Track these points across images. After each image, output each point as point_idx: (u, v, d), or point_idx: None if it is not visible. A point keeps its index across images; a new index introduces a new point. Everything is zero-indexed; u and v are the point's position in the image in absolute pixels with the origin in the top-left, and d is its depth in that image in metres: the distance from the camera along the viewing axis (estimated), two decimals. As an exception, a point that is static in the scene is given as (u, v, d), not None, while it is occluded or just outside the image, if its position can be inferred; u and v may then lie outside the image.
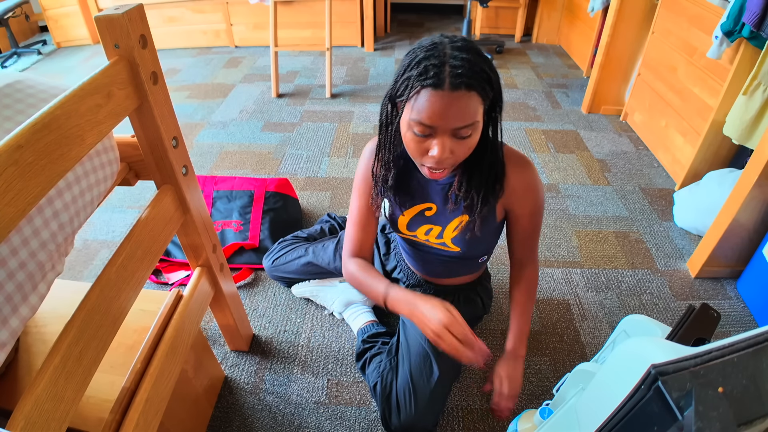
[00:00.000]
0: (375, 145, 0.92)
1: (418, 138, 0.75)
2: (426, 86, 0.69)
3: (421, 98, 0.71)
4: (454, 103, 0.69)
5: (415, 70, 0.71)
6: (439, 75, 0.68)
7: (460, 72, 0.68)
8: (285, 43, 2.97)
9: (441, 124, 0.71)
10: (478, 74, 0.70)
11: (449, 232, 0.96)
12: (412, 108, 0.72)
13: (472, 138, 0.75)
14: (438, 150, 0.73)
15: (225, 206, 1.61)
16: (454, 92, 0.69)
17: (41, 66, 3.26)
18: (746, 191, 1.26)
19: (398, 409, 1.01)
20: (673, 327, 0.62)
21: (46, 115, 0.52)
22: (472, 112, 0.71)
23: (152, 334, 0.80)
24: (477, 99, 0.71)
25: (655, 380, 0.34)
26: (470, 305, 1.14)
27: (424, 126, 0.72)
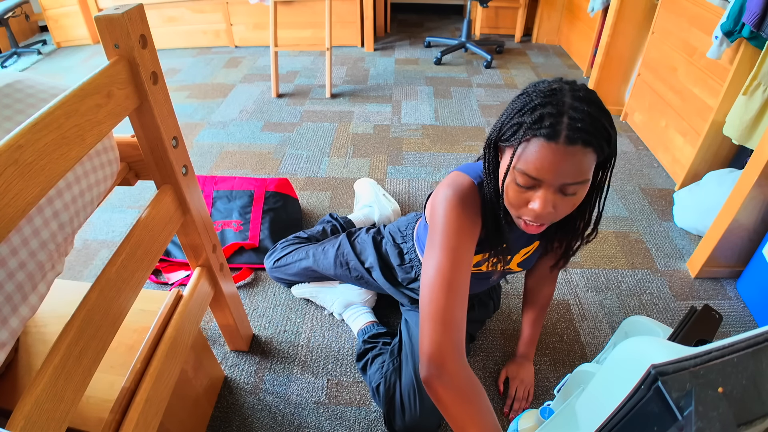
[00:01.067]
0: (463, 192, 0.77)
1: (520, 189, 0.68)
2: (539, 136, 0.63)
3: (531, 147, 0.64)
4: (568, 159, 0.63)
5: (529, 117, 0.65)
6: (556, 126, 0.62)
7: (580, 126, 0.62)
8: (285, 43, 2.97)
9: (549, 178, 0.65)
10: (598, 131, 0.63)
11: (517, 258, 0.95)
12: (520, 156, 0.66)
13: (578, 196, 0.69)
14: (540, 204, 0.67)
15: (225, 206, 1.61)
16: (569, 147, 0.62)
17: (41, 66, 3.26)
18: (746, 191, 1.26)
19: (402, 410, 1.00)
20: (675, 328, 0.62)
21: (46, 115, 0.52)
22: (584, 170, 0.65)
23: (152, 334, 0.80)
24: (592, 156, 0.65)
25: (655, 380, 0.34)
26: (484, 308, 1.16)
27: (530, 178, 0.66)
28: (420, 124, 2.35)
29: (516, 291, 1.43)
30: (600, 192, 0.76)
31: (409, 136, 2.25)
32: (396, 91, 2.69)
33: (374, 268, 1.18)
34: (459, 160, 2.06)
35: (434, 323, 0.68)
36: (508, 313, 1.36)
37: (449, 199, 0.76)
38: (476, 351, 1.26)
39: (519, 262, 0.97)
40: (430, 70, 2.96)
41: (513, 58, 3.14)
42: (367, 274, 1.21)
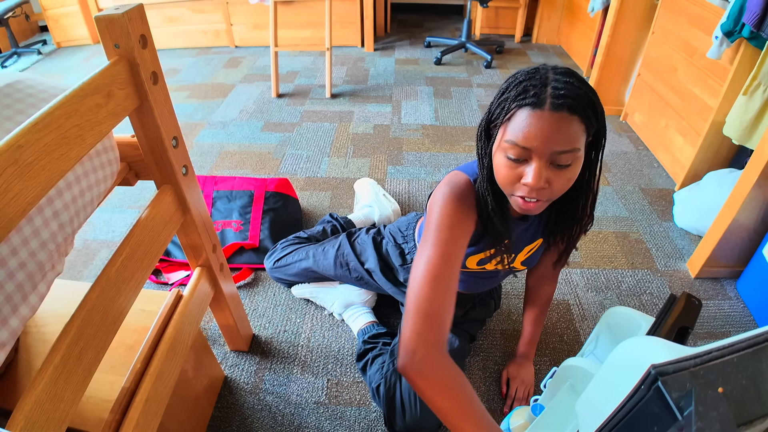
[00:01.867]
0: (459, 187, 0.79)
1: (512, 163, 0.68)
2: (524, 106, 0.65)
3: (518, 118, 0.65)
4: (554, 125, 0.63)
5: (514, 91, 0.66)
6: (540, 95, 0.64)
7: (563, 93, 0.63)
8: (285, 43, 2.97)
9: (538, 146, 0.65)
10: (582, 98, 0.64)
11: (522, 256, 0.96)
12: (507, 130, 0.67)
13: (571, 169, 0.68)
14: (534, 176, 0.66)
15: (225, 206, 1.61)
16: (555, 113, 0.63)
17: (41, 66, 3.26)
18: (746, 191, 1.26)
19: (403, 411, 1.00)
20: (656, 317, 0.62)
21: (46, 115, 0.52)
22: (573, 137, 0.65)
23: (152, 334, 0.80)
24: (579, 125, 0.65)
25: (655, 380, 0.34)
26: (485, 307, 1.16)
27: (520, 148, 0.66)
28: (420, 124, 2.35)
29: (516, 291, 1.43)
30: (593, 175, 0.76)
31: (409, 136, 2.25)
32: (396, 91, 2.69)
33: (375, 270, 1.18)
34: (459, 160, 2.06)
35: (417, 315, 0.68)
36: (508, 313, 1.36)
37: (445, 196, 0.77)
38: (476, 351, 1.26)
39: (523, 260, 0.97)
40: (430, 70, 2.97)
41: (513, 58, 3.14)
42: (368, 275, 1.21)
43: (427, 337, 0.66)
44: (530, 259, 0.98)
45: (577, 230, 0.84)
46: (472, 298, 1.14)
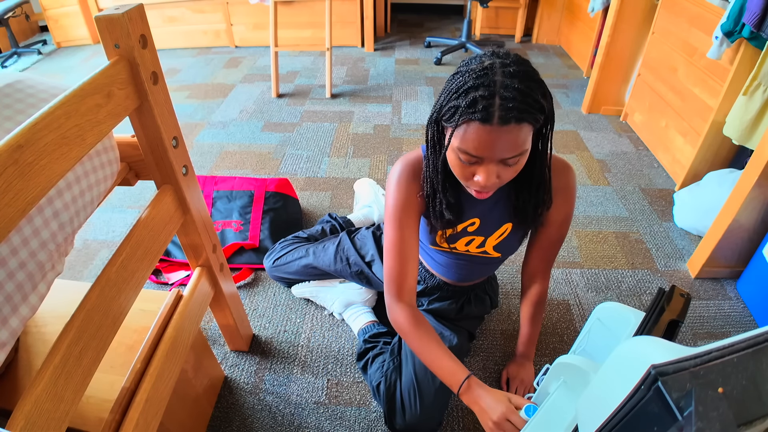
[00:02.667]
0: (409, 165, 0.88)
1: (463, 164, 0.74)
2: (474, 120, 0.67)
3: (469, 130, 0.68)
4: (503, 137, 0.67)
5: (463, 100, 0.68)
6: (489, 108, 0.65)
7: (511, 106, 0.65)
8: (285, 43, 2.97)
9: (488, 155, 0.70)
10: (530, 105, 0.67)
11: (492, 240, 0.96)
12: (460, 137, 0.70)
13: (519, 163, 0.73)
14: (483, 178, 0.72)
15: (225, 206, 1.61)
16: (503, 126, 0.66)
17: (41, 66, 3.26)
18: (746, 192, 1.26)
19: (403, 409, 1.01)
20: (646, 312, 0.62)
21: (46, 114, 0.52)
22: (520, 143, 0.69)
23: (152, 334, 0.80)
24: (528, 128, 0.69)
25: (655, 380, 0.34)
26: (480, 303, 1.16)
27: (471, 156, 0.71)
28: (420, 124, 2.35)
29: (515, 291, 1.43)
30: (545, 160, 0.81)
31: (409, 136, 2.25)
32: (396, 91, 2.69)
33: (375, 261, 1.20)
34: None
35: (390, 283, 0.92)
36: (508, 313, 1.36)
37: (394, 175, 0.89)
38: (476, 351, 1.26)
39: (495, 245, 0.97)
40: (430, 70, 2.97)
41: (513, 59, 3.14)
42: (368, 268, 1.23)
43: (400, 295, 0.92)
44: (503, 246, 0.98)
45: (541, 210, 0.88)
46: (466, 292, 1.13)
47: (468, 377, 0.83)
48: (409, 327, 0.90)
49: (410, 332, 0.90)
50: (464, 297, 1.14)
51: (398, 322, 0.92)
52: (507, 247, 0.99)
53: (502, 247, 0.98)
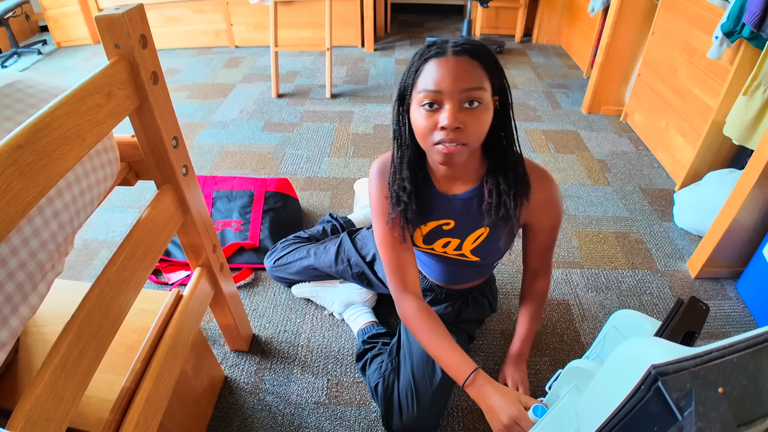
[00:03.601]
0: (382, 163, 0.92)
1: (427, 113, 0.74)
2: (429, 58, 0.74)
3: (426, 69, 0.74)
4: (458, 65, 0.72)
5: (418, 56, 0.76)
6: (442, 46, 0.74)
7: (462, 43, 0.73)
8: (285, 43, 2.97)
9: (447, 86, 0.72)
10: (480, 48, 0.74)
11: (468, 244, 0.95)
12: (419, 83, 0.75)
13: (481, 111, 0.74)
14: (448, 116, 0.72)
15: (225, 206, 1.61)
16: (458, 57, 0.72)
17: (41, 66, 3.26)
18: (746, 191, 1.26)
19: (400, 410, 1.01)
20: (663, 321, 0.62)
21: (47, 115, 0.52)
22: (478, 76, 0.73)
23: (152, 334, 0.80)
24: (481, 69, 0.73)
25: (655, 380, 0.34)
26: (479, 307, 1.15)
27: (432, 93, 0.73)
28: (420, 124, 2.35)
29: (515, 291, 1.43)
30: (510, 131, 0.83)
31: (410, 136, 2.24)
32: (396, 91, 2.69)
33: (376, 261, 1.20)
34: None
35: (392, 276, 0.94)
36: (508, 314, 1.36)
37: (372, 172, 0.94)
38: (476, 351, 1.26)
39: (472, 249, 0.95)
40: (430, 70, 2.96)
41: (513, 59, 3.14)
42: (369, 269, 1.23)
43: (400, 284, 0.93)
44: (482, 251, 0.95)
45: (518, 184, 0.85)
46: (462, 295, 1.13)
47: (475, 371, 0.84)
48: (417, 317, 0.89)
49: (418, 323, 0.89)
50: (461, 300, 1.13)
51: (406, 313, 0.91)
52: (486, 252, 0.96)
53: (481, 251, 0.95)
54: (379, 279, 1.23)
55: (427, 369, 1.02)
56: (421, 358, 1.04)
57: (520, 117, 2.42)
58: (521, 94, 2.66)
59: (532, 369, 1.21)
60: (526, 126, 2.34)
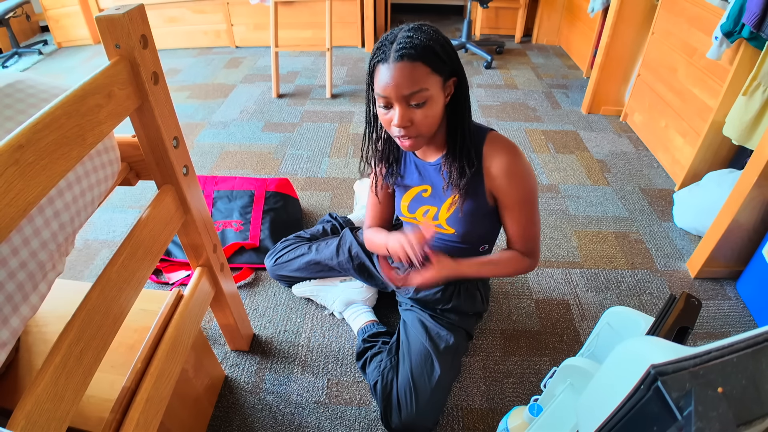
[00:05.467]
0: None
1: (384, 111, 0.85)
2: (377, 62, 0.81)
3: (377, 73, 0.82)
4: (397, 72, 0.78)
5: (372, 54, 0.83)
6: (386, 51, 0.80)
7: (402, 46, 0.78)
8: (285, 44, 2.97)
9: (390, 93, 0.80)
10: (422, 48, 0.78)
11: (443, 212, 1.00)
12: (375, 86, 0.83)
13: (428, 107, 0.82)
14: (397, 118, 0.82)
15: (225, 206, 1.61)
16: (397, 63, 0.78)
17: (42, 66, 3.26)
18: (746, 192, 1.26)
19: (399, 408, 1.01)
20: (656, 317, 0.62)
21: (47, 114, 0.52)
22: (417, 80, 0.79)
23: (153, 334, 0.80)
24: (423, 68, 0.79)
25: (655, 380, 0.34)
26: (471, 299, 1.14)
27: (381, 97, 0.82)
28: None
29: (516, 291, 1.43)
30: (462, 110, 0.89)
31: (410, 136, 2.24)
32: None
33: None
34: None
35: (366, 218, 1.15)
36: (508, 313, 1.36)
37: None
38: (476, 351, 1.26)
39: (447, 218, 1.00)
40: (430, 70, 2.96)
41: (513, 59, 3.14)
42: (369, 259, 1.24)
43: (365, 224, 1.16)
44: (455, 221, 0.99)
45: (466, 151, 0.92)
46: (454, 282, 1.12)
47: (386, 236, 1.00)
48: (371, 233, 1.09)
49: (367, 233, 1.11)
50: (452, 287, 1.12)
51: (366, 236, 1.12)
52: (459, 223, 0.99)
53: (455, 221, 1.00)
54: (379, 272, 1.24)
55: (425, 367, 1.02)
56: (419, 356, 1.04)
57: (520, 117, 2.42)
58: (521, 95, 2.66)
59: (532, 368, 1.22)
60: (526, 126, 2.34)
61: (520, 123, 2.36)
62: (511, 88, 2.74)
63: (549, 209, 1.77)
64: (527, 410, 0.89)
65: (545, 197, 1.83)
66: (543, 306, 1.39)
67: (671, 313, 0.60)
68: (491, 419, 1.11)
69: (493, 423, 1.10)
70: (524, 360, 1.24)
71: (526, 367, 1.22)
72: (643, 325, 0.68)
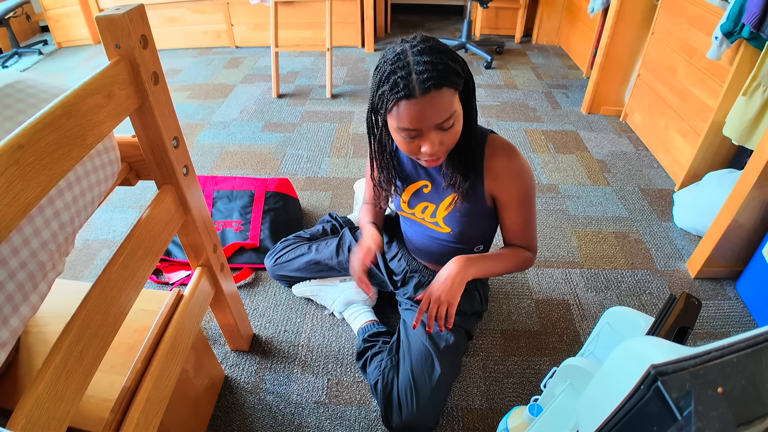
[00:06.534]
0: None
1: (408, 141, 0.82)
2: (400, 99, 0.76)
3: (400, 109, 0.77)
4: (428, 105, 0.76)
5: (387, 85, 0.77)
6: (408, 85, 0.75)
7: (426, 77, 0.74)
8: (285, 44, 2.97)
9: (423, 125, 0.78)
10: (444, 72, 0.75)
11: (441, 211, 1.01)
12: (396, 118, 0.79)
13: (456, 126, 0.81)
14: (428, 147, 0.81)
15: (225, 206, 1.61)
16: (426, 95, 0.75)
17: (42, 66, 3.26)
18: (746, 192, 1.26)
19: (399, 407, 1.01)
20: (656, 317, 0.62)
21: (47, 115, 0.52)
22: (447, 106, 0.77)
23: (153, 334, 0.80)
24: (449, 92, 0.77)
25: (655, 380, 0.34)
26: (469, 298, 1.14)
27: (408, 130, 0.80)
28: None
29: (516, 291, 1.43)
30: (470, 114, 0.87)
31: (410, 136, 2.24)
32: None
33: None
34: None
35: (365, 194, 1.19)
36: (508, 313, 1.36)
37: None
38: (476, 351, 1.26)
39: (444, 216, 1.01)
40: (430, 70, 2.96)
41: (513, 59, 3.14)
42: None
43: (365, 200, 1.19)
44: (452, 220, 1.00)
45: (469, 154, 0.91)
46: None
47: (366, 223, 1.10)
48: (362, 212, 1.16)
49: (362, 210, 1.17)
50: None
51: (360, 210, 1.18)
52: (456, 222, 1.00)
53: (452, 220, 1.00)
54: (379, 269, 1.23)
55: (426, 366, 1.02)
56: (420, 356, 1.04)
57: (520, 117, 2.42)
58: (521, 95, 2.66)
59: (532, 368, 1.22)
60: (526, 126, 2.34)
61: (520, 123, 2.36)
62: (511, 88, 2.74)
63: (549, 209, 1.77)
64: (527, 410, 0.89)
65: (545, 197, 1.83)
66: (543, 306, 1.39)
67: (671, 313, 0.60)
68: (491, 419, 1.11)
69: (493, 423, 1.10)
70: (524, 360, 1.24)
71: (526, 367, 1.22)
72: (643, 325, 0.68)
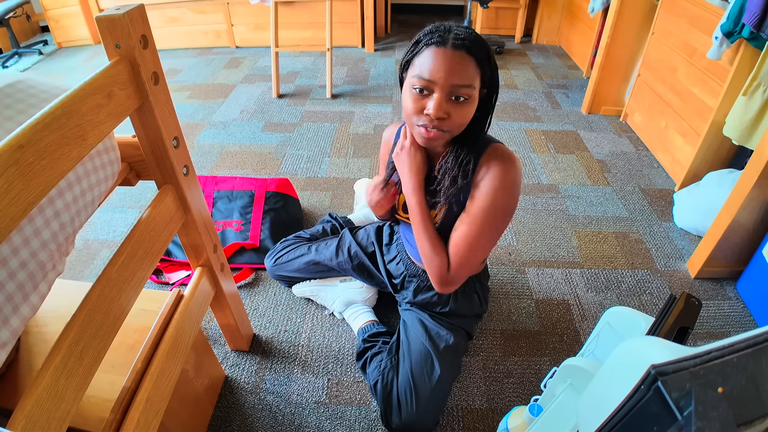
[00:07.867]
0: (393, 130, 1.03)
1: (417, 96, 0.79)
2: (430, 44, 0.76)
3: (424, 55, 0.77)
4: (454, 60, 0.75)
5: (425, 38, 0.78)
6: (444, 36, 0.76)
7: (463, 37, 0.75)
8: (286, 44, 2.97)
9: (440, 78, 0.76)
10: (478, 45, 0.76)
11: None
12: (415, 65, 0.78)
13: (467, 105, 0.79)
14: (435, 106, 0.77)
15: (226, 206, 1.61)
16: (456, 51, 0.75)
17: (42, 66, 3.26)
18: (746, 192, 1.26)
19: (399, 408, 1.01)
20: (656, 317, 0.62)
21: (47, 115, 0.52)
22: (470, 75, 0.76)
23: (153, 334, 0.80)
24: (475, 67, 0.77)
25: (655, 380, 0.34)
26: (468, 301, 1.14)
27: (425, 80, 0.77)
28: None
29: (516, 291, 1.43)
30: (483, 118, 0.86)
31: (410, 136, 2.24)
32: (396, 91, 2.69)
33: (376, 253, 1.23)
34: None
35: None
36: (508, 313, 1.36)
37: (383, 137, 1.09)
38: (476, 351, 1.26)
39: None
40: (430, 70, 2.96)
41: (513, 59, 3.14)
42: (368, 260, 1.25)
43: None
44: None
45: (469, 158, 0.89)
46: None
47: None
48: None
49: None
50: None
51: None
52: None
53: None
54: (378, 270, 1.24)
55: (425, 366, 1.02)
56: (419, 356, 1.04)
57: (520, 117, 2.42)
58: (521, 95, 2.66)
59: (532, 369, 1.22)
60: (526, 126, 2.34)
61: (520, 123, 2.36)
62: (511, 88, 2.74)
63: (549, 209, 1.77)
64: (527, 410, 0.89)
65: (545, 197, 1.83)
66: (543, 306, 1.39)
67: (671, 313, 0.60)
68: (491, 419, 1.11)
69: (493, 423, 1.10)
70: (524, 360, 1.24)
71: (526, 367, 1.22)
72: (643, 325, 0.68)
